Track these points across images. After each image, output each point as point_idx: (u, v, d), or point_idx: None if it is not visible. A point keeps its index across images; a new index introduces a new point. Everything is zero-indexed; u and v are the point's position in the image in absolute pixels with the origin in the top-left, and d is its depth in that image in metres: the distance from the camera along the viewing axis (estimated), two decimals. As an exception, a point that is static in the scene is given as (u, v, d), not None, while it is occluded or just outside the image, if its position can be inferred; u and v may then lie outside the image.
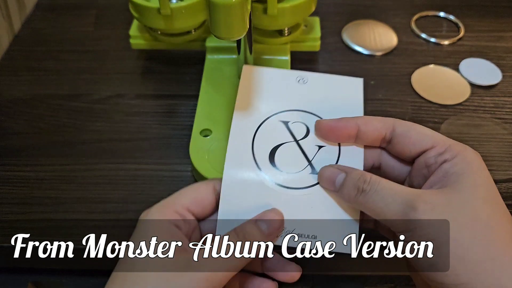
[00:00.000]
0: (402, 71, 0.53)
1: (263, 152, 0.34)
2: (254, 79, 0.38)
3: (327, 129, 0.33)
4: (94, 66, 0.54)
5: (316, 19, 0.54)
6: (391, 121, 0.32)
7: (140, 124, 0.47)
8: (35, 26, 0.60)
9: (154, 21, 0.44)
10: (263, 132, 0.35)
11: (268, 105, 0.36)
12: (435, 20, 0.60)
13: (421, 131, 0.31)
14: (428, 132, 0.31)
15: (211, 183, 0.33)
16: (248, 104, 0.36)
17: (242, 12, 0.35)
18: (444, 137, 0.30)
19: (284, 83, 0.38)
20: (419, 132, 0.31)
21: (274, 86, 0.37)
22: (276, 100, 0.36)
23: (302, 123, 0.35)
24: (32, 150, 0.45)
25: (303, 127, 0.35)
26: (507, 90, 0.51)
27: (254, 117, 0.35)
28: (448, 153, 0.29)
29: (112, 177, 0.43)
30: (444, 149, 0.29)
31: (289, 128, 0.35)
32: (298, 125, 0.35)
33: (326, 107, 0.36)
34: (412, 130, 0.31)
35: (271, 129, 0.35)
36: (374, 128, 0.32)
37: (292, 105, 0.36)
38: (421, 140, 0.30)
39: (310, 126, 0.35)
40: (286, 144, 0.34)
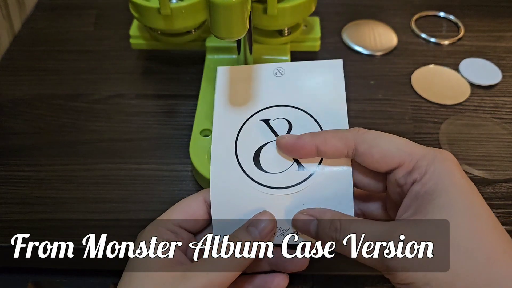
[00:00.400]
0: (402, 71, 0.53)
1: (247, 155, 0.32)
2: (229, 80, 0.36)
3: (286, 148, 0.31)
4: (94, 66, 0.54)
5: (316, 19, 0.54)
6: (351, 139, 0.29)
7: (140, 124, 0.47)
8: (35, 26, 0.60)
9: (154, 21, 0.44)
10: (245, 135, 0.33)
11: (247, 105, 0.34)
12: (435, 20, 0.60)
13: (385, 147, 0.28)
14: (393, 148, 0.28)
15: (201, 196, 0.33)
16: (226, 107, 0.34)
17: (242, 12, 0.35)
18: (411, 150, 0.28)
19: (261, 78, 0.36)
20: (383, 150, 0.28)
21: (251, 84, 0.35)
22: (254, 98, 0.35)
23: (283, 119, 0.33)
24: (32, 150, 0.45)
25: (285, 123, 0.33)
26: (507, 90, 0.51)
27: (234, 120, 0.34)
28: (417, 171, 0.27)
29: (112, 177, 0.43)
30: (412, 166, 0.27)
31: (270, 127, 0.33)
32: (279, 122, 0.33)
33: (307, 97, 0.34)
34: (374, 147, 0.28)
35: (253, 130, 0.33)
36: (333, 148, 0.30)
37: (271, 101, 0.34)
38: (386, 158, 0.28)
39: (292, 121, 0.33)
40: (269, 144, 0.33)
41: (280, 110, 0.34)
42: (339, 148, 0.29)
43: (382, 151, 0.28)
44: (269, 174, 0.32)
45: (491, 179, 0.43)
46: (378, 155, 0.28)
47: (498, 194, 0.42)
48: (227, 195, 0.32)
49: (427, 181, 0.26)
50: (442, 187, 0.26)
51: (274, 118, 0.34)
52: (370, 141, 0.28)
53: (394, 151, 0.28)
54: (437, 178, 0.26)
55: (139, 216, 0.40)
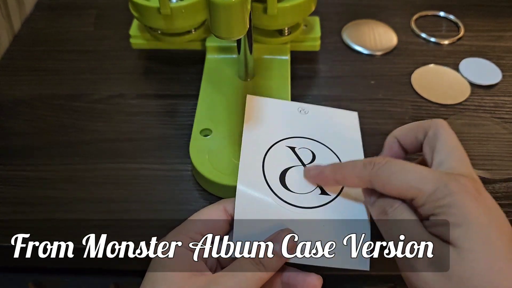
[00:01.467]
0: (402, 71, 0.53)
1: (273, 173, 0.35)
2: (258, 108, 0.40)
3: (311, 179, 0.35)
4: (95, 66, 0.54)
5: (316, 19, 0.54)
6: (367, 176, 0.31)
7: (140, 124, 0.47)
8: (35, 26, 0.60)
9: (154, 20, 0.44)
10: (272, 156, 0.36)
11: (275, 132, 0.38)
12: (435, 20, 0.60)
13: (398, 184, 0.30)
14: (404, 185, 0.29)
15: (221, 205, 0.34)
16: (255, 130, 0.38)
17: (242, 12, 0.35)
18: (423, 185, 0.29)
19: (287, 112, 0.40)
20: (395, 187, 0.30)
21: (278, 115, 0.40)
22: (281, 127, 0.39)
23: (308, 149, 0.37)
24: (33, 150, 0.45)
25: (309, 152, 0.37)
26: (506, 89, 0.51)
27: (262, 142, 0.37)
28: (428, 206, 0.28)
29: (112, 177, 0.43)
30: (423, 202, 0.29)
31: (296, 153, 0.37)
32: (304, 151, 0.37)
33: (328, 136, 0.39)
34: (387, 185, 0.30)
35: (279, 153, 0.37)
36: (352, 184, 0.33)
37: (297, 132, 0.39)
38: (399, 194, 0.30)
39: (315, 152, 0.37)
40: (294, 167, 0.36)
41: (305, 141, 0.38)
42: (356, 184, 0.32)
43: (394, 188, 0.30)
44: (293, 193, 0.34)
45: (491, 179, 0.43)
46: (393, 192, 0.30)
47: (498, 194, 0.42)
48: (251, 206, 0.33)
49: (439, 216, 0.28)
50: (455, 222, 0.27)
51: (299, 147, 0.37)
52: (384, 179, 0.30)
53: (405, 187, 0.29)
54: (449, 215, 0.27)
55: (140, 216, 0.40)
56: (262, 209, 0.33)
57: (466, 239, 0.27)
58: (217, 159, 0.41)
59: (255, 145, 0.37)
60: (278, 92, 0.47)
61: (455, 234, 0.27)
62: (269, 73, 0.49)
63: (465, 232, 0.27)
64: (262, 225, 0.32)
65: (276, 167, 0.36)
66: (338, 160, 0.37)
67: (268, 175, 0.35)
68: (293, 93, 0.49)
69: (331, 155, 0.38)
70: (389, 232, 0.30)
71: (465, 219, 0.27)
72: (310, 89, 0.51)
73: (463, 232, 0.27)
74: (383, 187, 0.30)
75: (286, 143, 0.38)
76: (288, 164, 0.36)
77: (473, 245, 0.26)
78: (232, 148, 0.42)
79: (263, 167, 0.35)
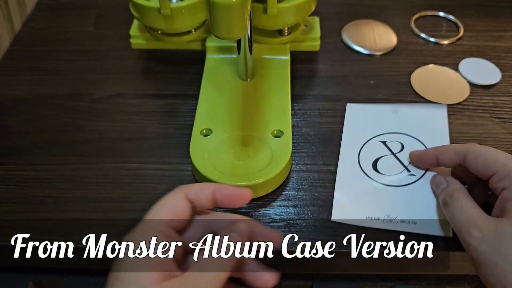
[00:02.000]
0: (402, 71, 0.53)
1: (367, 163, 0.43)
2: (357, 113, 0.47)
3: (414, 159, 0.42)
4: (95, 66, 0.54)
5: (316, 19, 0.54)
6: (463, 150, 0.36)
7: (140, 123, 0.47)
8: (35, 26, 0.60)
9: (155, 20, 0.44)
10: (366, 150, 0.44)
11: (370, 131, 0.45)
12: (435, 20, 0.60)
13: (487, 158, 0.35)
14: (492, 159, 0.35)
15: (182, 193, 0.32)
16: (353, 130, 0.46)
17: (242, 12, 0.35)
18: (506, 162, 0.34)
19: (381, 114, 0.47)
20: (484, 160, 0.35)
21: (374, 117, 0.47)
22: (376, 126, 0.46)
23: (397, 142, 0.44)
24: (33, 150, 0.45)
25: (398, 144, 0.44)
26: (506, 89, 0.51)
27: (358, 139, 0.45)
28: (507, 179, 0.33)
29: (112, 177, 0.43)
30: (504, 175, 0.33)
31: (387, 146, 0.44)
32: (394, 143, 0.44)
33: (416, 128, 0.45)
34: (479, 157, 0.35)
35: (373, 147, 0.44)
36: (449, 158, 0.38)
37: (389, 129, 0.45)
38: (486, 166, 0.35)
39: (404, 143, 0.44)
40: (385, 156, 0.43)
41: (395, 135, 0.45)
42: (453, 157, 0.37)
43: (483, 161, 0.35)
44: (384, 175, 0.42)
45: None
46: (481, 164, 0.35)
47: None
48: (349, 189, 0.41)
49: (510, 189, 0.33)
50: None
51: (390, 140, 0.44)
52: (477, 153, 0.35)
53: (493, 161, 0.35)
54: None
55: (140, 215, 0.39)
56: (360, 192, 0.41)
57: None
58: (217, 159, 0.41)
59: (352, 142, 0.44)
60: (278, 92, 0.47)
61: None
62: (269, 73, 0.49)
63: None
64: (361, 203, 0.40)
65: (369, 157, 0.43)
66: (425, 148, 0.43)
67: (362, 164, 0.43)
68: (293, 93, 0.49)
69: (418, 144, 0.44)
70: (452, 219, 0.35)
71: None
72: (309, 89, 0.51)
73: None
74: (475, 159, 0.35)
75: (378, 138, 0.45)
76: (379, 154, 0.43)
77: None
78: (232, 148, 0.42)
79: (358, 158, 0.43)
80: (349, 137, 0.45)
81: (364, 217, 0.39)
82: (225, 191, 0.32)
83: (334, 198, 0.40)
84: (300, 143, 0.45)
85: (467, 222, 0.33)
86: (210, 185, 0.32)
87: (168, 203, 0.32)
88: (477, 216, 0.33)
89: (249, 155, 0.42)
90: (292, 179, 0.43)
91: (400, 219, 0.38)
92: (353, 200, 0.40)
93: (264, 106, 0.46)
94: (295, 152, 0.45)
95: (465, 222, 0.33)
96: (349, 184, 0.41)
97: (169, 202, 0.32)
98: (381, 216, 0.39)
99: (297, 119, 0.48)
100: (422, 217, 0.38)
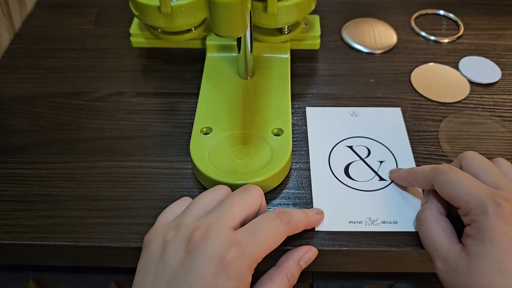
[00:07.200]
0: (402, 69, 0.53)
1: (339, 169, 0.43)
2: (319, 117, 0.48)
3: (393, 178, 0.42)
4: (95, 64, 0.54)
5: (316, 17, 0.54)
6: (431, 178, 0.37)
7: (140, 122, 0.48)
8: (35, 24, 0.60)
9: (155, 19, 0.44)
10: (335, 155, 0.44)
11: (334, 135, 0.46)
12: (435, 18, 0.60)
13: (451, 191, 0.35)
14: (454, 193, 0.34)
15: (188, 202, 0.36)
16: (318, 136, 0.46)
17: (242, 11, 0.35)
18: (469, 198, 0.33)
19: (341, 117, 0.48)
20: (448, 193, 0.35)
21: (334, 121, 0.47)
22: (339, 130, 0.46)
23: (363, 146, 0.45)
24: (33, 148, 0.45)
25: (364, 149, 0.45)
26: (506, 88, 0.51)
27: (326, 144, 0.45)
28: (468, 217, 0.33)
29: (112, 175, 0.43)
30: (466, 213, 0.33)
31: (354, 150, 0.45)
32: (360, 148, 0.45)
33: (378, 132, 0.46)
34: (443, 189, 0.35)
35: (340, 152, 0.44)
36: (420, 184, 0.39)
37: (352, 133, 0.46)
38: (450, 199, 0.35)
39: (370, 148, 0.45)
40: (355, 162, 0.44)
41: (360, 140, 0.46)
42: (423, 184, 0.38)
43: (447, 193, 0.35)
44: (356, 181, 0.42)
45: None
46: (446, 195, 0.35)
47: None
48: (327, 200, 0.41)
49: (473, 227, 0.33)
50: (481, 238, 0.32)
51: (356, 145, 0.45)
52: (442, 184, 0.36)
53: (454, 195, 0.34)
54: (479, 231, 0.32)
55: (140, 213, 0.40)
56: (335, 197, 0.41)
57: (480, 256, 0.31)
58: (217, 157, 0.41)
59: (320, 150, 0.45)
60: (278, 91, 0.47)
61: (475, 250, 0.32)
62: (269, 72, 0.49)
63: (482, 250, 0.31)
64: (337, 207, 0.40)
65: (340, 163, 0.43)
66: (390, 153, 0.44)
67: (335, 171, 0.43)
68: (293, 92, 0.49)
69: (383, 148, 0.45)
70: (422, 241, 0.37)
71: (487, 239, 0.31)
72: (310, 88, 0.51)
73: (480, 250, 0.31)
74: (440, 191, 0.36)
75: (344, 143, 0.45)
76: (349, 160, 0.44)
77: (483, 263, 0.31)
78: (232, 146, 0.42)
79: (329, 165, 0.43)
80: (315, 143, 0.45)
81: (346, 222, 0.39)
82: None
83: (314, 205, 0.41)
84: (300, 141, 0.46)
85: (432, 249, 0.35)
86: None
87: (245, 200, 0.34)
88: (441, 245, 0.34)
89: (249, 154, 0.42)
90: (292, 177, 0.43)
91: (382, 220, 0.39)
92: (332, 208, 0.40)
93: (264, 105, 0.46)
94: (295, 151, 0.45)
95: (431, 249, 0.35)
96: (326, 192, 0.41)
97: (246, 200, 0.35)
98: (362, 220, 0.39)
99: (297, 117, 0.48)
100: (402, 216, 0.40)
